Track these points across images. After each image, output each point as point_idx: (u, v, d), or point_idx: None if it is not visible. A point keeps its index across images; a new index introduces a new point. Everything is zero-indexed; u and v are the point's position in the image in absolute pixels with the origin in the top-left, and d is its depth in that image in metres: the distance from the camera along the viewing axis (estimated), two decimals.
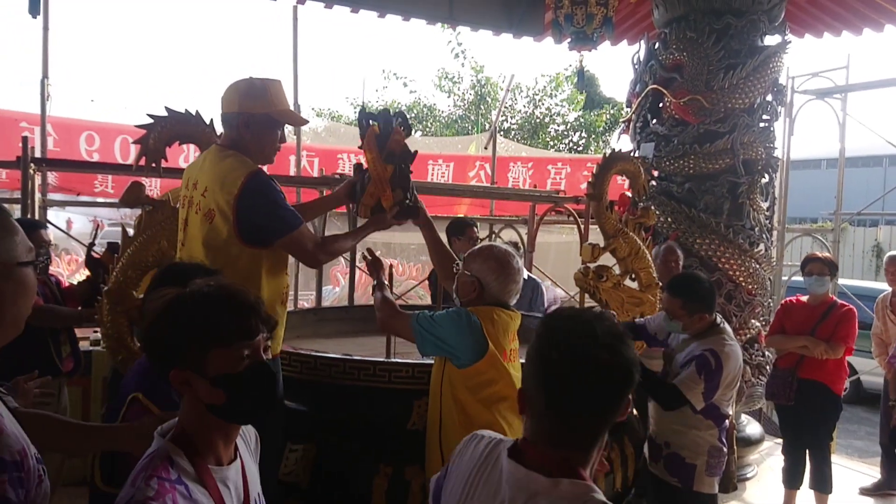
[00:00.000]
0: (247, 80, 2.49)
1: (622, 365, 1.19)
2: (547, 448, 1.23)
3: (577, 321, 1.24)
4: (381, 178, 2.65)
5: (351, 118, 18.12)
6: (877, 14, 5.94)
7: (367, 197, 2.69)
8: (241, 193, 2.30)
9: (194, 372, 1.29)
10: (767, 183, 5.08)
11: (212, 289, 1.33)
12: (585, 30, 4.79)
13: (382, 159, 2.63)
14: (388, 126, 2.63)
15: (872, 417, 7.67)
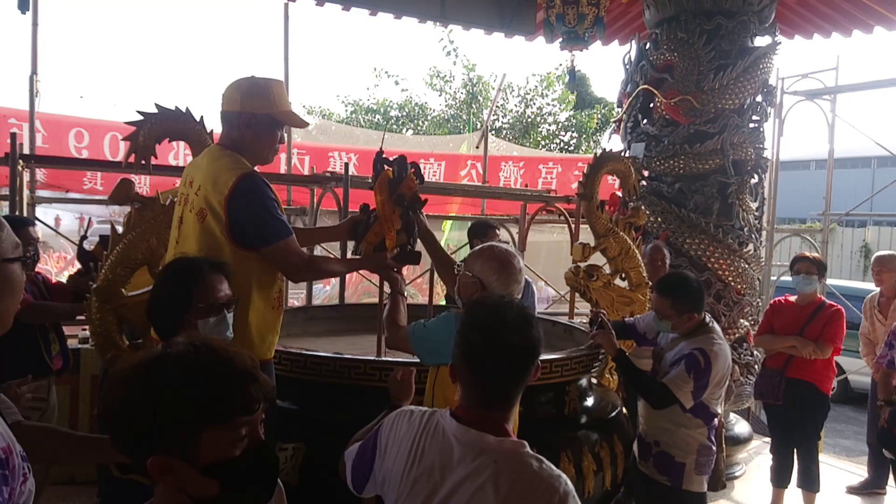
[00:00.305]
0: (249, 79, 2.47)
1: (527, 344, 1.52)
2: (479, 410, 1.52)
3: (492, 308, 1.56)
4: (388, 220, 2.66)
5: (342, 116, 18.11)
6: (866, 16, 5.98)
7: (371, 235, 2.70)
8: (231, 194, 2.28)
9: (179, 458, 1.03)
10: (757, 183, 5.12)
11: (197, 351, 1.08)
12: (577, 29, 4.80)
13: (392, 202, 2.66)
14: (402, 172, 2.67)
15: (860, 417, 7.73)
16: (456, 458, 1.48)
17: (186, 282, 1.93)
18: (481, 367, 1.51)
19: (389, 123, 17.57)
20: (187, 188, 2.48)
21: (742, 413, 5.64)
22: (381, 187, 2.65)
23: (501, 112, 17.15)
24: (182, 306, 1.89)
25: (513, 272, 2.35)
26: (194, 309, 1.90)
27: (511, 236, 7.23)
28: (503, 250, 2.39)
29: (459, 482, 1.46)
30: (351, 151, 8.73)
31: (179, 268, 1.99)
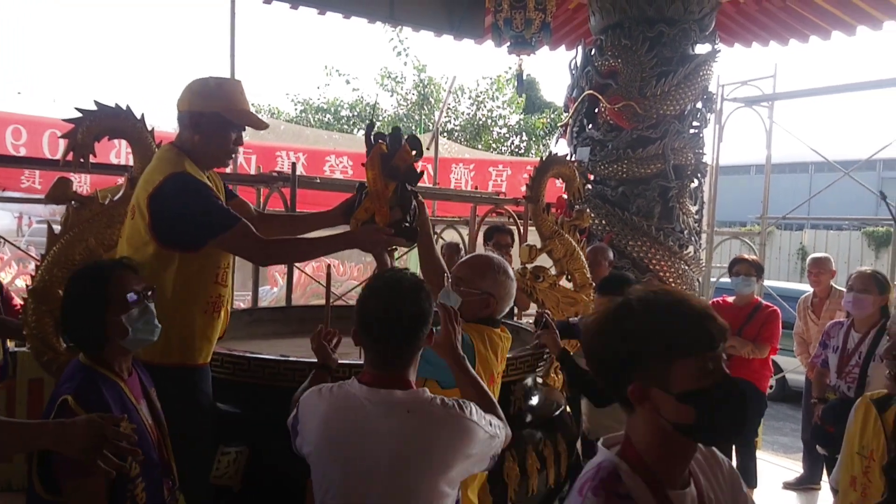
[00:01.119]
0: (202, 80, 2.42)
1: (417, 311, 1.68)
2: (382, 371, 1.69)
3: (388, 280, 1.74)
4: (381, 195, 2.47)
5: (292, 115, 17.90)
6: (802, 25, 6.23)
7: (360, 211, 2.51)
8: (155, 192, 2.25)
9: (657, 387, 1.19)
10: (697, 187, 5.27)
11: (660, 296, 1.24)
12: (524, 34, 4.87)
13: (385, 176, 2.46)
14: (396, 144, 2.48)
15: (797, 414, 7.99)
16: (371, 417, 1.64)
17: (97, 281, 1.87)
18: (380, 332, 1.67)
19: (340, 123, 17.45)
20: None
21: None
22: (373, 162, 2.46)
23: (453, 114, 17.22)
24: (99, 306, 1.83)
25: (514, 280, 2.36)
26: (113, 305, 1.84)
27: (461, 238, 7.27)
28: (501, 260, 2.37)
29: (380, 438, 1.62)
30: (299, 151, 8.64)
31: (85, 272, 1.94)
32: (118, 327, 1.84)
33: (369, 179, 2.49)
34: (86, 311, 1.85)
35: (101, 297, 1.84)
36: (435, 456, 1.62)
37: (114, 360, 1.87)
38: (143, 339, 1.92)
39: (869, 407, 1.92)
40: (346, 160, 9.10)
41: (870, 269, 3.98)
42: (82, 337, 1.88)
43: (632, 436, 1.26)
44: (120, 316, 1.84)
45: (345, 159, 9.11)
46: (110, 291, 1.86)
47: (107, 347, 1.86)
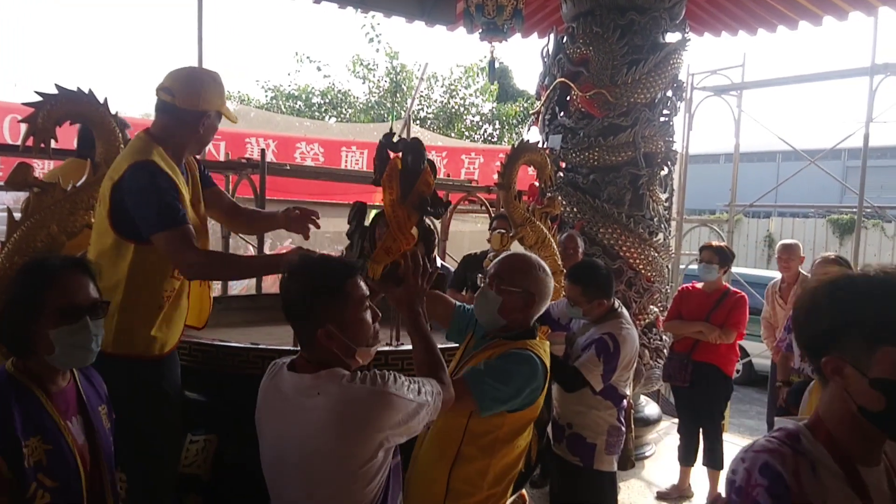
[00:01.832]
0: (203, 74, 2.46)
1: (297, 288, 1.67)
2: (303, 353, 1.73)
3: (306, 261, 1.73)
4: (403, 230, 2.02)
5: (262, 102, 17.67)
6: (770, 15, 6.29)
7: (380, 252, 2.06)
8: (120, 180, 2.26)
9: (851, 364, 1.18)
10: (666, 175, 5.31)
11: (888, 277, 1.19)
12: (496, 20, 4.84)
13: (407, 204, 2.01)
14: (417, 161, 2.04)
15: (763, 398, 8.17)
16: (288, 404, 1.67)
17: (36, 283, 1.62)
18: (285, 313, 1.72)
19: (311, 110, 17.28)
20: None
21: (652, 395, 5.87)
22: (391, 182, 2.04)
23: (426, 102, 17.15)
24: (29, 313, 1.59)
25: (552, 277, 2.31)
26: (46, 315, 1.59)
27: (434, 226, 7.26)
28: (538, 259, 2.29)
29: (293, 426, 1.64)
30: (269, 137, 8.54)
31: (31, 268, 1.68)
32: (44, 342, 1.60)
33: (387, 206, 2.04)
34: (15, 314, 1.61)
35: (34, 304, 1.60)
36: (347, 433, 1.58)
37: (42, 370, 1.64)
38: (72, 361, 1.66)
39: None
40: (317, 147, 9.02)
41: (833, 255, 4.06)
42: (9, 340, 1.64)
43: (821, 411, 1.25)
44: (49, 330, 1.59)
45: (316, 146, 9.04)
46: (48, 299, 1.61)
47: (33, 359, 1.63)
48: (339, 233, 10.27)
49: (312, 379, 1.64)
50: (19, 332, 1.61)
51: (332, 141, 9.38)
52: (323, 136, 9.68)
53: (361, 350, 1.71)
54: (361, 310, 1.70)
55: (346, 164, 9.17)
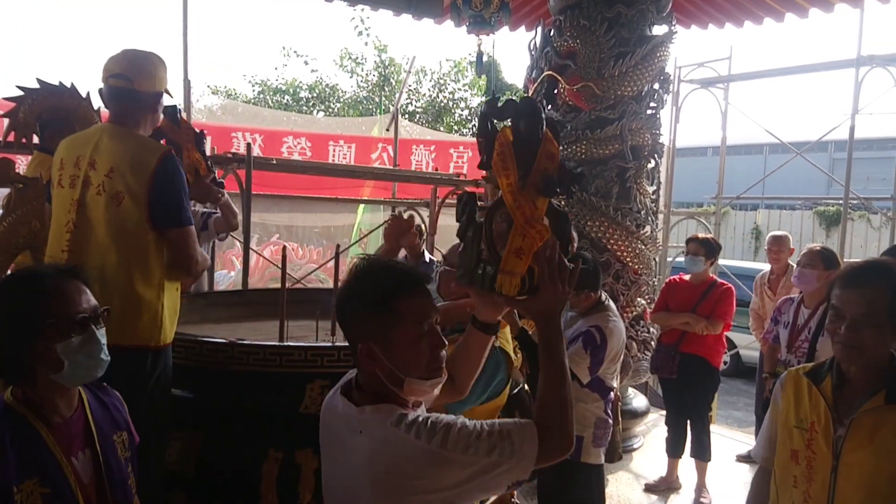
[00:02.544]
0: (151, 55, 2.45)
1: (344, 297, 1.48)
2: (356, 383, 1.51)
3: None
4: (531, 220, 1.44)
5: (250, 97, 17.57)
6: (757, 8, 6.31)
7: (509, 257, 1.44)
8: (155, 174, 2.29)
9: None
10: (654, 168, 5.32)
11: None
12: (483, 13, 4.82)
13: (526, 186, 1.44)
14: (533, 127, 1.46)
15: (751, 389, 8.22)
16: (337, 434, 1.49)
17: (32, 295, 1.47)
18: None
19: (299, 105, 17.21)
20: (83, 169, 2.36)
21: (640, 388, 5.90)
22: (505, 162, 1.46)
23: (415, 96, 17.11)
24: (29, 329, 1.45)
25: None
26: (46, 328, 1.45)
27: (422, 220, 7.24)
28: None
29: (339, 457, 1.47)
30: (256, 132, 8.50)
31: (18, 280, 1.55)
32: (51, 358, 1.46)
33: (506, 194, 1.47)
34: (11, 333, 1.45)
35: (33, 318, 1.46)
36: (383, 491, 1.36)
37: (45, 398, 1.48)
38: (83, 374, 1.52)
39: (800, 380, 1.92)
40: (304, 141, 9.00)
41: (819, 246, 4.07)
42: (4, 364, 1.49)
43: None
44: (55, 344, 1.46)
45: (303, 140, 9.01)
46: (48, 310, 1.47)
47: (37, 381, 1.47)
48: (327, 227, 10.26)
49: (358, 412, 1.43)
50: (16, 353, 1.45)
51: (320, 135, 9.35)
52: (310, 130, 9.64)
53: (412, 382, 1.42)
54: (415, 333, 1.42)
55: (333, 159, 9.14)
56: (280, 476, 2.49)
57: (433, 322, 1.47)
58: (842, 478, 1.74)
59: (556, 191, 1.47)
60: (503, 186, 1.49)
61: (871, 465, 1.71)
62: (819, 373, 1.89)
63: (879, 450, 1.70)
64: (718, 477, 4.67)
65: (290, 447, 2.52)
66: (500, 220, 1.49)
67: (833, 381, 1.82)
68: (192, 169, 3.14)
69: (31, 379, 1.47)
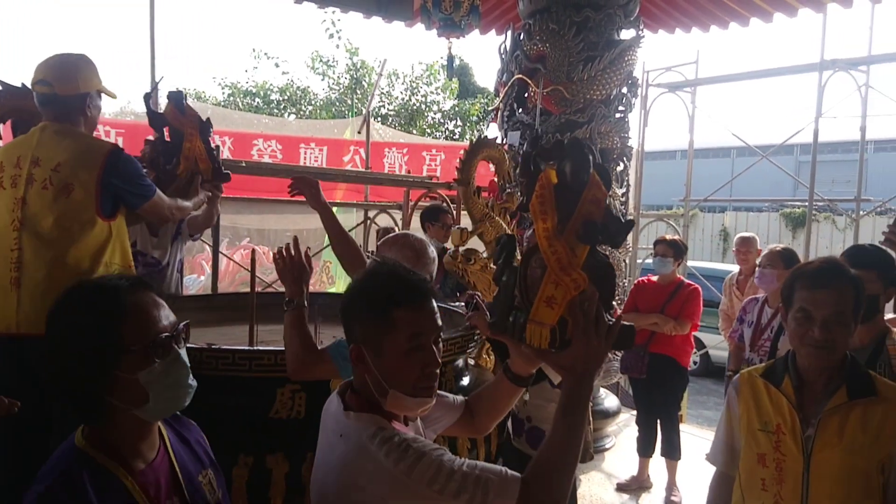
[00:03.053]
0: (74, 58, 2.57)
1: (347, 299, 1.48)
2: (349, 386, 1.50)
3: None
4: (567, 268, 1.33)
5: (219, 99, 17.38)
6: (722, 13, 6.41)
7: (540, 305, 1.35)
8: (105, 166, 2.44)
9: None
10: (623, 171, 5.38)
11: None
12: (453, 17, 4.84)
13: (565, 231, 1.34)
14: (580, 170, 1.34)
15: (720, 388, 8.35)
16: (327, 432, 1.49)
17: (105, 317, 1.21)
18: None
19: (270, 107, 17.07)
20: (25, 168, 2.43)
21: (612, 388, 5.95)
22: (544, 206, 1.35)
23: (387, 99, 17.07)
24: (105, 357, 1.20)
25: (427, 262, 2.35)
26: (128, 355, 1.21)
27: (395, 222, 7.23)
28: (418, 239, 2.39)
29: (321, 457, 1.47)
30: (226, 134, 8.41)
31: (83, 297, 1.24)
32: (132, 390, 1.21)
33: (541, 238, 1.36)
34: (84, 362, 1.18)
35: (110, 343, 1.19)
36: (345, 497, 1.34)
37: (124, 439, 1.23)
38: (169, 406, 1.28)
39: (756, 381, 1.90)
40: (274, 144, 8.93)
41: (780, 247, 4.15)
42: (79, 401, 1.23)
43: None
44: (137, 373, 1.21)
45: (273, 143, 8.94)
46: (127, 333, 1.20)
47: (114, 419, 1.22)
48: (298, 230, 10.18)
49: (344, 416, 1.41)
50: (92, 386, 1.20)
51: (291, 137, 9.28)
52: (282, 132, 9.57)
53: (395, 395, 1.38)
54: (407, 346, 1.38)
55: (305, 161, 9.08)
56: (250, 481, 2.47)
57: (430, 340, 1.41)
58: (814, 477, 1.76)
59: (598, 238, 1.34)
60: (539, 231, 1.37)
61: (843, 461, 1.73)
62: (774, 373, 1.89)
63: (850, 446, 1.73)
64: (689, 475, 4.72)
65: (261, 452, 2.49)
66: (535, 265, 1.38)
67: (793, 381, 1.84)
68: (193, 159, 3.19)
69: (107, 416, 1.22)
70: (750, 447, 1.90)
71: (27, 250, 2.38)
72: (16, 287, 2.35)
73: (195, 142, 3.21)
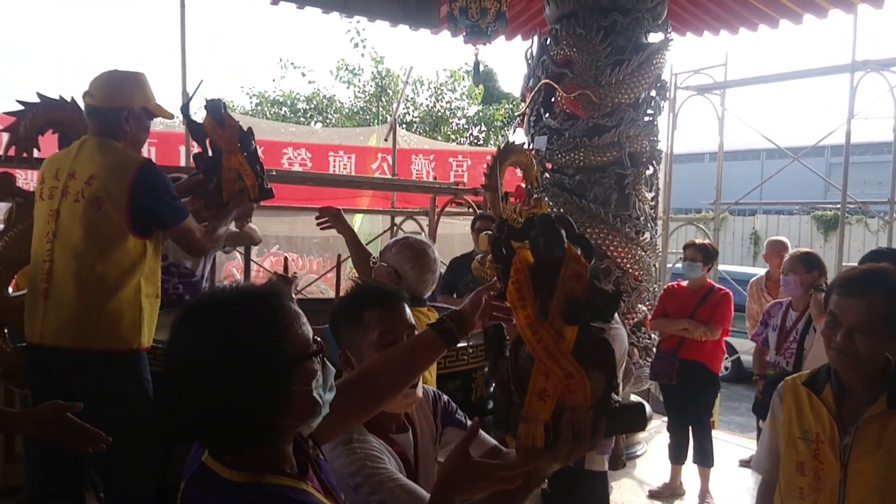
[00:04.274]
0: (122, 74, 2.57)
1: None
2: None
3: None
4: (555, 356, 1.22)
5: (247, 108, 17.60)
6: (751, 14, 6.35)
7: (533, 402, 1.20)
8: (135, 181, 2.38)
9: None
10: (652, 174, 5.34)
11: None
12: (480, 23, 4.86)
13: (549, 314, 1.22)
14: (554, 243, 1.25)
15: (751, 394, 8.20)
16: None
17: (268, 329, 1.06)
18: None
19: (297, 116, 17.24)
20: (62, 180, 2.44)
21: (642, 394, 5.90)
22: (522, 291, 1.24)
23: (412, 106, 17.14)
24: (283, 373, 1.08)
25: (427, 262, 2.38)
26: (295, 369, 1.09)
27: (421, 228, 7.26)
28: (417, 240, 2.42)
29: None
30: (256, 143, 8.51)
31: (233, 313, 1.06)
32: (306, 403, 1.09)
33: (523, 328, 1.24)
34: (253, 387, 1.02)
35: (279, 358, 1.05)
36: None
37: (284, 456, 1.12)
38: (326, 412, 1.16)
39: (798, 389, 1.88)
40: (304, 152, 9.04)
41: (802, 251, 4.10)
42: (234, 430, 1.03)
43: None
44: (310, 384, 1.09)
45: (303, 151, 9.05)
46: (289, 343, 1.08)
47: (271, 439, 1.08)
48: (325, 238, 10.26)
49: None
50: (264, 409, 1.03)
51: (320, 146, 9.38)
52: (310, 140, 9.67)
53: None
54: (380, 343, 1.55)
55: (334, 169, 9.17)
56: None
57: (403, 336, 1.57)
58: (851, 486, 1.73)
59: (584, 316, 1.22)
60: (519, 320, 1.24)
61: (880, 471, 1.70)
62: (817, 381, 1.87)
63: (887, 455, 1.70)
64: (722, 482, 4.66)
65: None
66: (524, 356, 1.25)
67: (833, 389, 1.81)
68: (234, 174, 2.81)
69: (269, 438, 1.07)
70: (790, 455, 1.87)
71: (58, 262, 2.39)
72: (44, 298, 2.38)
73: (234, 156, 2.82)
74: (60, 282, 2.37)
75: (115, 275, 2.38)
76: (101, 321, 2.34)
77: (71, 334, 2.34)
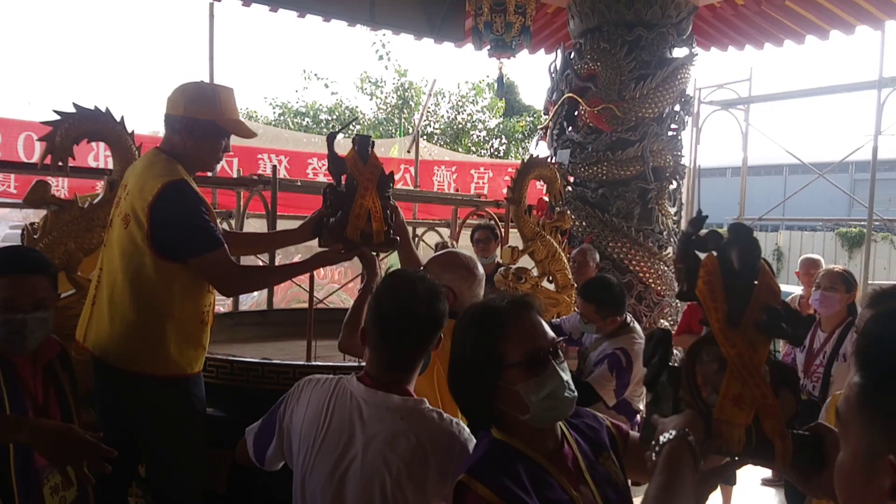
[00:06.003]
0: (197, 84, 2.42)
1: (433, 315, 1.64)
2: (385, 373, 1.63)
3: (406, 280, 1.68)
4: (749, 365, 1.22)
5: (270, 118, 17.80)
6: (776, 30, 6.33)
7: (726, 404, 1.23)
8: (155, 201, 2.19)
9: None
10: (675, 189, 5.33)
11: None
12: (504, 37, 4.91)
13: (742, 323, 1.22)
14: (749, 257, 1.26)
15: None
16: (365, 418, 1.59)
17: (488, 333, 1.39)
18: (390, 333, 1.62)
19: (319, 127, 17.39)
20: (122, 191, 2.38)
21: None
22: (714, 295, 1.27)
23: (433, 118, 17.23)
24: (490, 369, 1.37)
25: (480, 278, 2.37)
26: (507, 371, 1.35)
27: (443, 239, 7.28)
28: (467, 256, 2.39)
29: (370, 439, 1.57)
30: (282, 154, 8.60)
31: (477, 314, 1.44)
32: (515, 400, 1.34)
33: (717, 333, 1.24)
34: (474, 376, 1.39)
35: (493, 359, 1.35)
36: (428, 474, 1.53)
37: (523, 436, 1.37)
38: (548, 416, 1.36)
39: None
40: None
41: (839, 268, 4.03)
42: (471, 408, 1.46)
43: None
44: (517, 385, 1.33)
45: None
46: (505, 349, 1.35)
47: (510, 421, 1.37)
48: None
49: (400, 401, 1.61)
50: (483, 395, 1.37)
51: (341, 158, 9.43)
52: None
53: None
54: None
55: None
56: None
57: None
58: None
59: (783, 327, 1.18)
60: (712, 320, 1.21)
61: None
62: None
63: None
64: (744, 501, 4.60)
65: None
66: (707, 359, 1.22)
67: None
68: (365, 214, 2.56)
69: (501, 422, 1.38)
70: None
71: (104, 272, 2.37)
72: (91, 304, 2.41)
73: (367, 196, 2.59)
74: (103, 291, 2.36)
75: (138, 296, 2.23)
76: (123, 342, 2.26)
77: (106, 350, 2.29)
